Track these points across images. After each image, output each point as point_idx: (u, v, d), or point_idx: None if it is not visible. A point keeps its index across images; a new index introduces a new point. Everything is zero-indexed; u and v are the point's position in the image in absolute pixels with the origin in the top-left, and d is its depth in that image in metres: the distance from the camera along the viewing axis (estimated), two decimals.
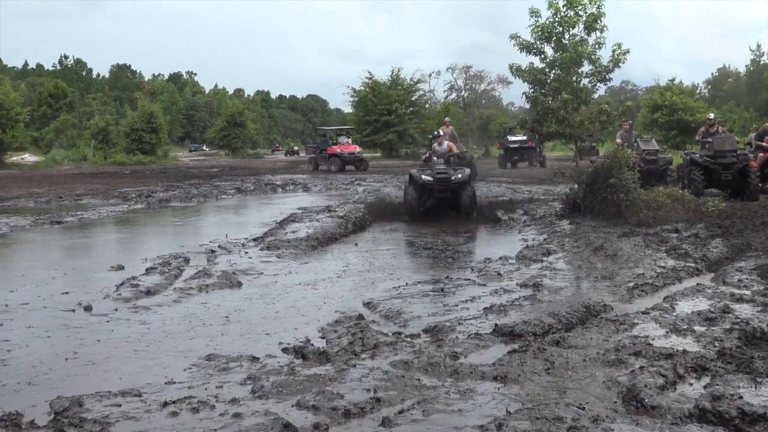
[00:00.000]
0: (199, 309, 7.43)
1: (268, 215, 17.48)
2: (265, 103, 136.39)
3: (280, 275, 9.37)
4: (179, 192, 24.78)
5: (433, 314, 7.07)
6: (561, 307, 7.10)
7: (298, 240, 12.18)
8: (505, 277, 9.06)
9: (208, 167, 48.20)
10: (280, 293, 8.25)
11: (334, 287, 8.64)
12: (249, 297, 8.04)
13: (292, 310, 7.42)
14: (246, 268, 9.80)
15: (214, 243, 12.28)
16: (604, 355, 5.43)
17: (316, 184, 30.77)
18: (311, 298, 8.01)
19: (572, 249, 11.12)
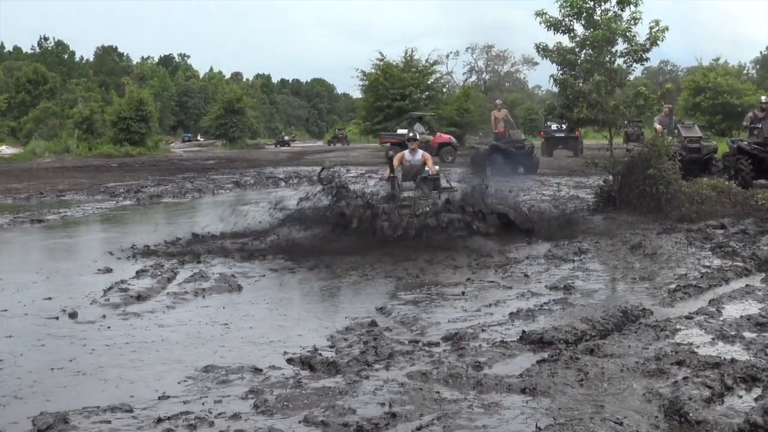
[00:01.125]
0: (195, 315, 7.45)
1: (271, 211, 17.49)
2: (265, 88, 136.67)
3: (284, 278, 9.38)
4: (172, 187, 24.86)
5: (453, 320, 7.06)
6: (595, 311, 7.08)
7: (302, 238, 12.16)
8: (532, 279, 9.04)
9: (204, 159, 48.34)
10: (283, 298, 8.26)
11: (343, 291, 8.64)
12: (250, 302, 8.06)
13: (297, 316, 7.43)
14: (246, 270, 9.81)
15: None
16: (643, 365, 5.41)
17: None
18: (318, 303, 8.02)
19: (607, 247, 11.09)
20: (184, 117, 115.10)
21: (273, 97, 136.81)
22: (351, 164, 41.00)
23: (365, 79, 65.16)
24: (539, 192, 20.85)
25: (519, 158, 27.99)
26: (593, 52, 15.56)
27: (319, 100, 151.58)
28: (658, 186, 14.02)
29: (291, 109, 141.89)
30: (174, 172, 33.53)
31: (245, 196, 23.46)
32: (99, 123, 56.67)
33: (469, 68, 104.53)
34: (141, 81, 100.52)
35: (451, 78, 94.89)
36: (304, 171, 34.17)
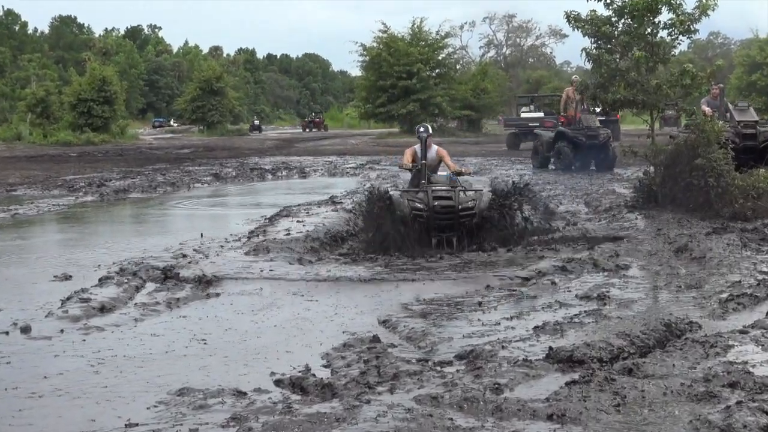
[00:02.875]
0: (168, 329, 7.45)
1: (255, 209, 17.52)
2: (249, 65, 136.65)
3: (270, 286, 9.39)
4: (140, 180, 24.90)
5: (468, 335, 7.06)
6: (634, 325, 7.07)
7: (293, 240, 12.19)
8: (560, 287, 9.03)
9: (177, 148, 48.41)
10: (270, 309, 8.26)
11: (340, 300, 8.64)
12: (231, 314, 8.06)
13: (287, 331, 7.43)
14: (227, 276, 9.82)
15: (185, 245, 12.31)
16: (690, 387, 5.40)
17: (317, 168, 30.82)
18: (309, 315, 8.02)
19: (647, 250, 11.08)
20: (155, 98, 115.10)
21: (258, 75, 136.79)
22: (349, 154, 41.05)
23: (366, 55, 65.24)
24: (569, 186, 20.86)
25: (591, 150, 25.92)
26: (633, 23, 15.55)
27: (312, 78, 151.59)
28: (707, 178, 14.00)
29: (279, 90, 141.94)
30: (143, 163, 33.59)
31: (225, 190, 23.50)
32: (55, 106, 56.79)
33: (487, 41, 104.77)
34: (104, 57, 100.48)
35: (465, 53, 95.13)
36: (294, 162, 34.19)
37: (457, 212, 11.99)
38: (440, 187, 12.33)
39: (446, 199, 12.04)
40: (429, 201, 11.97)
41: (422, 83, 62.32)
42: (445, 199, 12.04)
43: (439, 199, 12.03)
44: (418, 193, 12.19)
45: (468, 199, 12.12)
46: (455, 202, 12.01)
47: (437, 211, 11.93)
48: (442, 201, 12.01)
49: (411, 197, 12.11)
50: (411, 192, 12.32)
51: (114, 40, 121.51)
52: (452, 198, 12.03)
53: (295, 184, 25.67)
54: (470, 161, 31.07)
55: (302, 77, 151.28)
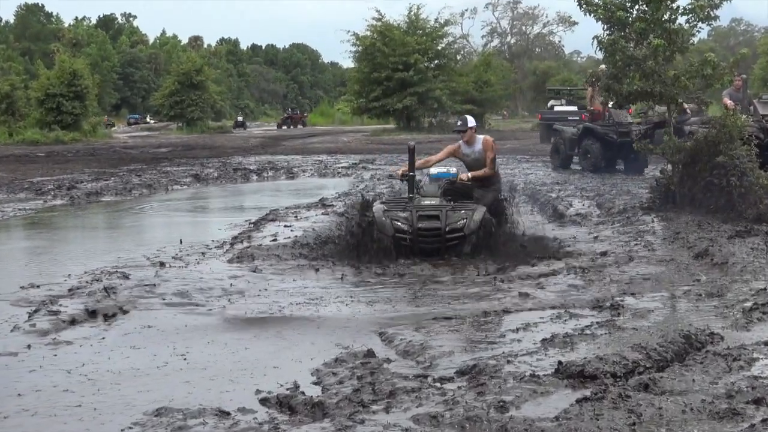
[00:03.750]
0: (144, 343, 7.43)
1: (239, 213, 17.51)
2: (232, 57, 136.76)
3: (256, 295, 9.38)
4: (114, 182, 24.87)
5: (470, 349, 7.06)
6: (650, 336, 7.07)
7: (280, 247, 12.19)
8: (571, 296, 9.04)
9: (154, 147, 48.35)
10: (255, 321, 8.25)
11: (330, 311, 8.64)
12: (213, 326, 8.05)
13: (274, 345, 7.42)
14: (208, 286, 9.81)
15: (163, 252, 12.30)
16: (711, 404, 5.41)
17: (306, 168, 30.82)
18: (299, 328, 8.01)
19: (665, 255, 11.09)
20: (130, 93, 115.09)
21: (242, 67, 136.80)
22: (340, 152, 41.05)
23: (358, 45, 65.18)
24: (579, 186, 20.88)
25: (621, 149, 24.47)
26: (649, 9, 15.55)
27: (300, 71, 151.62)
28: (729, 177, 14.01)
29: (264, 83, 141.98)
30: (117, 164, 33.56)
31: (207, 192, 23.49)
32: (22, 102, 56.71)
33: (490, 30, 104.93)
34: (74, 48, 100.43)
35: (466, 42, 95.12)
36: (281, 161, 34.19)
37: (443, 235, 11.55)
38: (428, 201, 11.95)
39: (432, 219, 11.63)
40: (413, 221, 11.58)
41: (420, 75, 62.31)
42: (431, 219, 11.63)
43: (425, 219, 11.63)
44: (404, 210, 11.78)
45: (458, 218, 11.63)
46: (442, 223, 11.57)
47: (421, 234, 11.55)
48: (427, 222, 11.60)
49: (394, 215, 11.69)
50: (396, 209, 11.88)
51: (85, 30, 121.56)
52: (440, 217, 11.61)
53: (282, 185, 25.65)
54: None
55: (289, 69, 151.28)
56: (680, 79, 15.42)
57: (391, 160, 32.82)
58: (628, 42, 15.90)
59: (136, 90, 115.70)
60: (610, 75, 16.18)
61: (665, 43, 15.44)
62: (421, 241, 11.57)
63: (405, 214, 11.67)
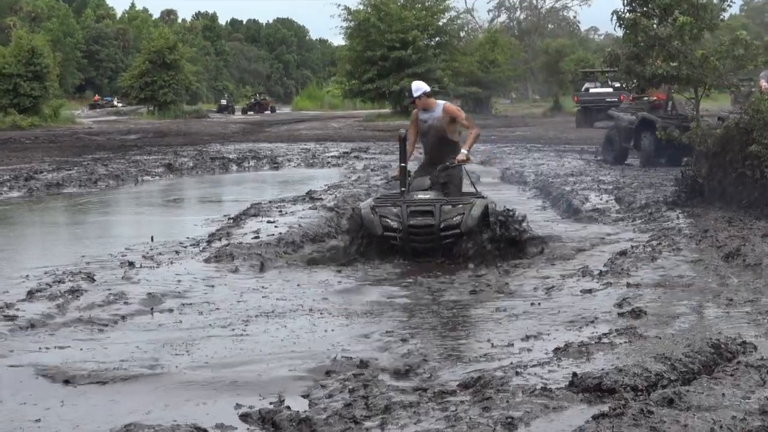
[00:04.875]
0: (111, 351, 7.43)
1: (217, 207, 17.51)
2: (209, 33, 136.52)
3: (236, 299, 9.39)
4: (78, 172, 24.83)
5: (474, 358, 7.06)
6: (675, 346, 7.07)
7: (262, 245, 12.18)
8: (587, 300, 9.04)
9: (122, 133, 48.30)
10: (234, 327, 8.25)
11: (320, 317, 8.64)
12: (188, 333, 8.04)
13: (255, 354, 7.42)
14: (183, 288, 9.81)
15: (132, 250, 12.29)
16: (743, 421, 5.42)
17: (292, 157, 30.81)
18: (284, 335, 8.01)
19: (691, 255, 11.09)
20: (95, 74, 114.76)
21: (220, 45, 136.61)
22: (330, 139, 41.05)
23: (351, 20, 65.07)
24: (596, 177, 20.90)
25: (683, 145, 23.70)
26: None
27: (286, 49, 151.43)
28: (764, 168, 14.02)
29: (246, 63, 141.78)
30: (81, 152, 33.51)
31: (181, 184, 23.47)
32: None
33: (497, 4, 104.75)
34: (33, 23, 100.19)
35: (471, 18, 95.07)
36: (264, 150, 34.17)
37: (437, 232, 11.46)
38: (421, 195, 11.84)
39: (425, 215, 11.52)
40: (404, 218, 11.47)
41: (419, 54, 62.23)
42: (424, 215, 11.53)
43: (417, 215, 11.53)
44: (394, 205, 11.69)
45: (454, 214, 11.50)
46: (436, 220, 11.46)
47: (413, 231, 11.45)
48: (420, 218, 11.50)
49: (384, 212, 11.60)
50: (385, 204, 11.82)
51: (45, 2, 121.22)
52: (433, 213, 11.50)
53: (265, 176, 25.67)
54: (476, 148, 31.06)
55: (274, 47, 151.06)
56: (709, 59, 15.42)
57: (387, 149, 32.84)
58: (651, 19, 15.90)
59: (102, 70, 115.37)
60: (630, 55, 16.16)
61: (692, 20, 15.46)
62: (413, 240, 11.49)
63: (395, 210, 11.59)
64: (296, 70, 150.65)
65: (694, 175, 15.33)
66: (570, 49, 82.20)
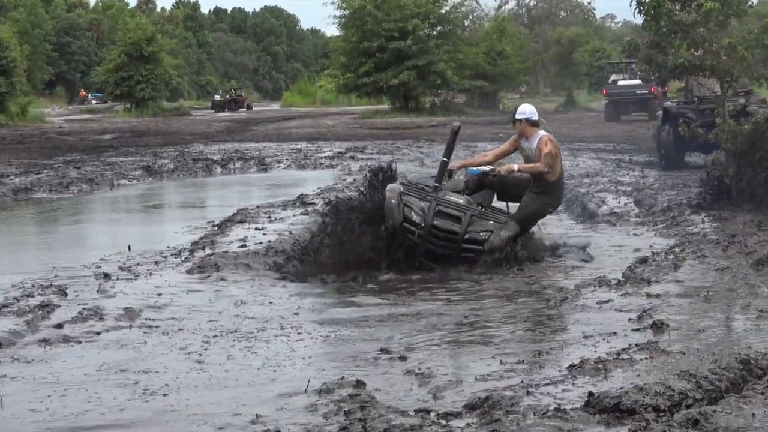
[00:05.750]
0: (84, 372, 7.42)
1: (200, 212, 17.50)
2: (191, 23, 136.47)
3: (221, 314, 9.38)
4: (48, 175, 24.82)
5: (481, 376, 7.06)
6: (700, 362, 7.07)
7: (250, 255, 12.18)
8: (603, 312, 9.03)
9: (97, 132, 48.28)
10: (219, 346, 8.25)
11: (311, 334, 8.64)
12: (168, 351, 8.04)
13: (242, 374, 7.41)
14: (164, 302, 9.81)
15: (108, 261, 12.29)
16: None
17: (281, 158, 30.81)
18: (271, 354, 8.00)
19: (718, 262, 11.08)
20: (66, 68, 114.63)
21: (202, 36, 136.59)
22: (323, 139, 41.05)
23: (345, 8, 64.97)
24: (613, 178, 20.90)
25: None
26: None
27: (274, 40, 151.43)
28: None
29: (231, 55, 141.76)
30: (51, 153, 33.48)
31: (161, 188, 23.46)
32: None
33: None
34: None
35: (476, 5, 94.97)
36: (251, 150, 34.17)
37: (459, 242, 11.50)
38: (455, 198, 11.79)
39: (452, 219, 11.56)
40: (429, 216, 11.53)
41: (420, 45, 62.13)
42: (451, 219, 11.57)
43: (443, 217, 11.57)
44: (423, 199, 11.70)
45: (482, 228, 11.55)
46: (462, 228, 11.50)
47: (434, 233, 11.48)
48: (445, 221, 11.55)
49: (409, 202, 11.61)
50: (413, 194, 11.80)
51: None
52: (461, 220, 11.54)
53: (252, 179, 25.66)
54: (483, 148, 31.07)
55: (261, 38, 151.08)
56: (736, 48, 15.42)
57: (386, 148, 32.89)
58: (673, 4, 15.90)
59: (74, 64, 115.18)
60: (651, 44, 16.16)
61: (718, 5, 15.45)
62: (431, 242, 11.50)
63: (422, 204, 11.60)
64: (286, 63, 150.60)
65: (720, 175, 15.30)
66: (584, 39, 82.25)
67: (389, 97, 65.23)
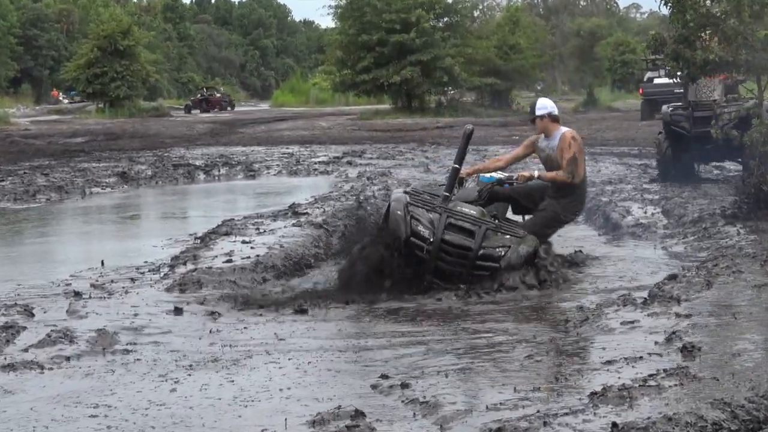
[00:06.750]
0: (52, 401, 7.42)
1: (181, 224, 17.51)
2: (171, 14, 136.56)
3: (202, 338, 9.40)
4: (12, 183, 24.86)
5: (493, 405, 7.05)
6: (736, 389, 7.07)
7: (236, 271, 12.19)
8: (627, 334, 9.03)
9: (67, 135, 48.32)
10: (204, 372, 8.25)
11: (303, 360, 8.64)
12: (136, 381, 8.03)
13: (228, 404, 7.41)
14: (140, 324, 9.81)
15: (79, 278, 12.29)
16: None
17: (271, 163, 30.83)
18: (263, 381, 8.01)
19: (755, 279, 11.07)
20: (33, 63, 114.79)
21: (183, 28, 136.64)
22: (317, 142, 41.08)
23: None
24: (639, 186, 20.89)
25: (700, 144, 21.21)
26: None
27: (263, 32, 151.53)
28: None
29: (215, 49, 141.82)
30: (16, 158, 33.52)
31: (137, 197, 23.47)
32: None
33: None
34: None
35: None
36: (238, 155, 34.19)
37: (472, 259, 11.37)
38: (466, 210, 11.66)
39: (464, 233, 11.42)
40: (439, 230, 11.37)
41: (424, 39, 62.16)
42: (463, 233, 11.43)
43: (454, 230, 11.43)
44: (432, 211, 11.57)
45: (497, 244, 11.42)
46: (475, 244, 11.37)
47: (444, 249, 11.34)
48: (457, 235, 11.40)
49: (417, 214, 11.48)
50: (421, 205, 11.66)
51: None
52: (475, 234, 11.41)
53: (239, 187, 25.68)
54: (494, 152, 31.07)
55: (248, 31, 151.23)
56: None
57: (386, 153, 32.92)
58: None
59: (41, 59, 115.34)
60: (679, 38, 16.15)
61: None
62: (441, 258, 11.38)
63: (431, 215, 11.50)
64: (276, 58, 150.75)
65: (758, 182, 15.27)
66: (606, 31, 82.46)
67: (390, 96, 65.30)
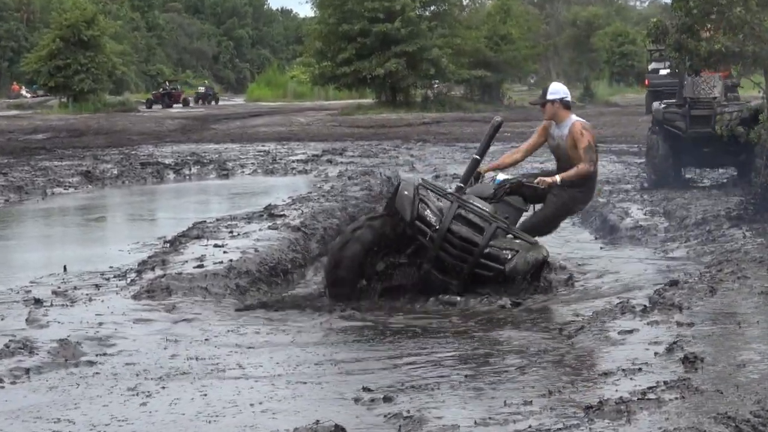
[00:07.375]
0: (10, 418, 7.42)
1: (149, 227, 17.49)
2: (139, 3, 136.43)
3: (171, 348, 9.40)
4: None
5: (482, 420, 7.06)
6: (741, 402, 7.09)
7: (208, 276, 12.18)
8: (625, 344, 9.05)
9: (27, 132, 48.28)
10: (172, 385, 8.25)
11: (279, 372, 8.65)
12: (116, 394, 8.03)
13: (190, 419, 7.41)
14: (105, 334, 9.80)
15: (39, 284, 12.28)
16: None
17: (246, 162, 30.83)
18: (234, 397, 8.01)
19: (761, 285, 11.09)
20: None
21: (152, 17, 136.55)
22: (295, 139, 41.09)
23: None
24: (638, 186, 20.92)
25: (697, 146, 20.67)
26: None
27: (237, 22, 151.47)
28: None
29: (186, 40, 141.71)
30: None
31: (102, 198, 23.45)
32: None
33: None
34: None
35: None
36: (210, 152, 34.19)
37: (477, 256, 11.37)
38: (478, 204, 11.74)
39: (473, 228, 11.47)
40: (447, 219, 11.45)
41: (410, 28, 62.20)
42: (472, 227, 11.48)
43: (462, 222, 11.51)
44: (443, 198, 11.73)
45: (506, 246, 11.44)
46: (483, 240, 11.40)
47: (449, 239, 11.38)
48: (465, 228, 11.45)
49: (428, 198, 11.59)
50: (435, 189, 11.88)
51: None
52: (484, 231, 11.44)
53: (211, 186, 25.69)
54: None
55: (222, 20, 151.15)
56: None
57: (369, 150, 32.92)
58: None
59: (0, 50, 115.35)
60: (682, 27, 16.18)
61: None
62: (444, 248, 11.41)
63: (441, 203, 11.59)
64: (251, 49, 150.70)
65: (764, 182, 15.32)
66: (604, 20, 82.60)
67: (373, 90, 65.39)
